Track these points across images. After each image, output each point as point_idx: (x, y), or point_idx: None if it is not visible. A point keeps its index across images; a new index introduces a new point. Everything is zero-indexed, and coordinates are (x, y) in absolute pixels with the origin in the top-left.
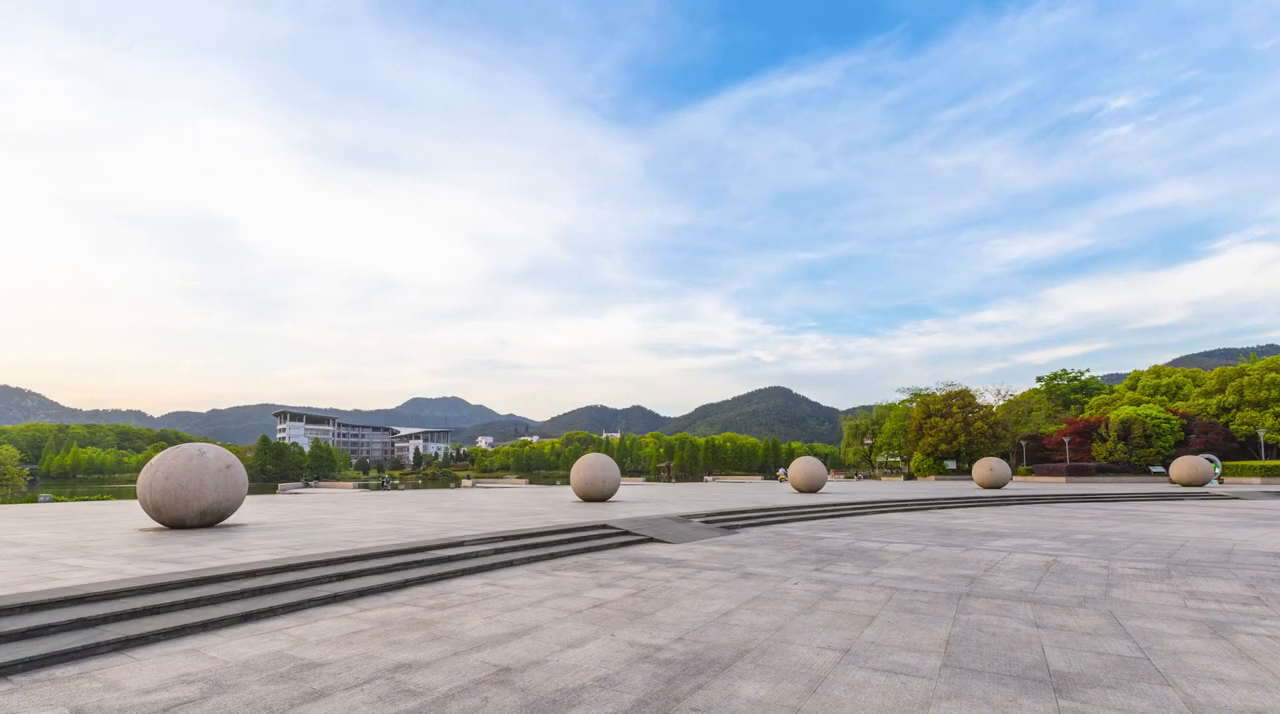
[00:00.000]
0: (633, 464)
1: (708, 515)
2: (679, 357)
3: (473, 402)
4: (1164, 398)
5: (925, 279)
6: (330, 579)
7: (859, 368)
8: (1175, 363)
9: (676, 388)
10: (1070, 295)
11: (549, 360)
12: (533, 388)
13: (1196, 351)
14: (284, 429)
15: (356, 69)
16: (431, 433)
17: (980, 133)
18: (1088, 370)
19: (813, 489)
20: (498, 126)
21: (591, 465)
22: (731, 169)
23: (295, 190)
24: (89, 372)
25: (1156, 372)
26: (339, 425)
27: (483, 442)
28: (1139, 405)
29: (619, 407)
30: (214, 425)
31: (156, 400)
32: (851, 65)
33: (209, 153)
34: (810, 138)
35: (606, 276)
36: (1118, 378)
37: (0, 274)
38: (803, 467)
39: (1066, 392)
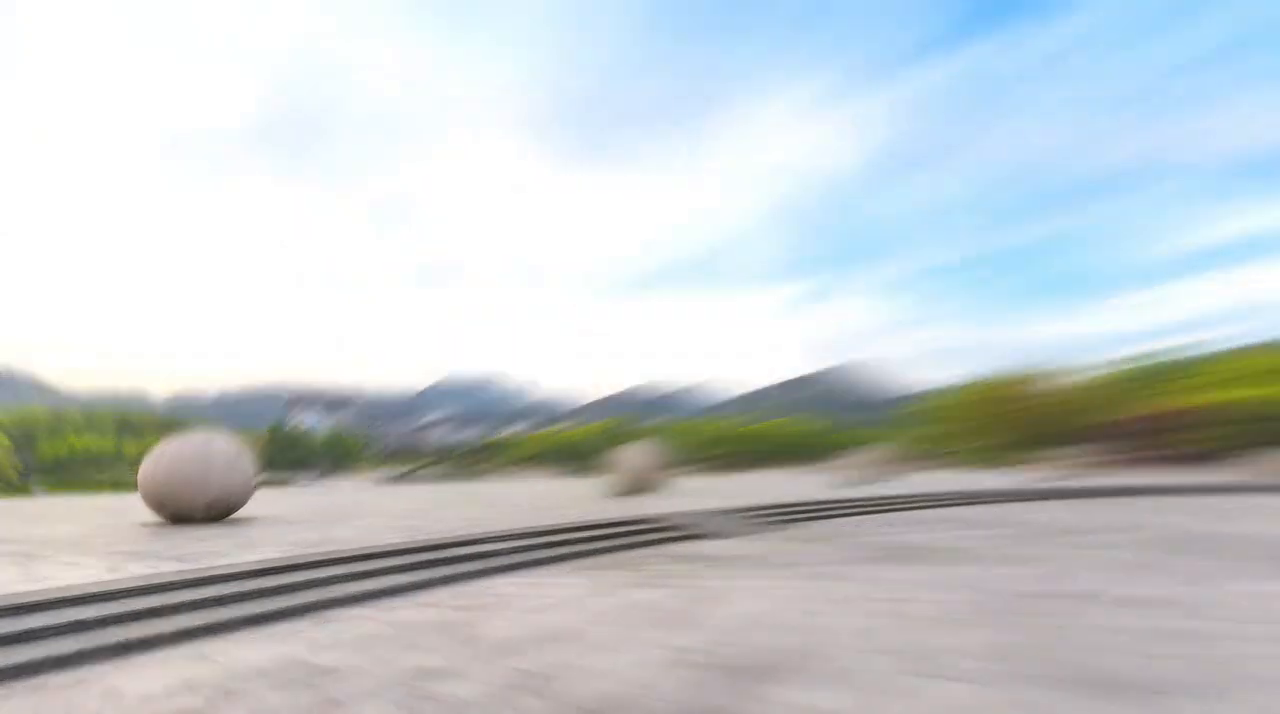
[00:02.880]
0: (678, 453)
1: (757, 509)
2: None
3: (505, 386)
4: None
5: (1108, 258)
6: (346, 578)
7: (960, 353)
8: None
9: (727, 371)
10: (1243, 277)
11: (618, 346)
12: (571, 371)
13: None
14: (299, 415)
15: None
16: (459, 419)
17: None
18: (1176, 351)
19: (867, 481)
20: (710, 111)
21: (631, 455)
22: (945, 138)
23: (491, 162)
24: (87, 351)
25: (1263, 349)
26: (358, 411)
27: (515, 428)
28: (1238, 388)
29: (664, 392)
30: (222, 410)
31: (160, 383)
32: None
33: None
34: (1046, 98)
35: (757, 261)
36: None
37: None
38: (858, 457)
39: (1150, 374)
